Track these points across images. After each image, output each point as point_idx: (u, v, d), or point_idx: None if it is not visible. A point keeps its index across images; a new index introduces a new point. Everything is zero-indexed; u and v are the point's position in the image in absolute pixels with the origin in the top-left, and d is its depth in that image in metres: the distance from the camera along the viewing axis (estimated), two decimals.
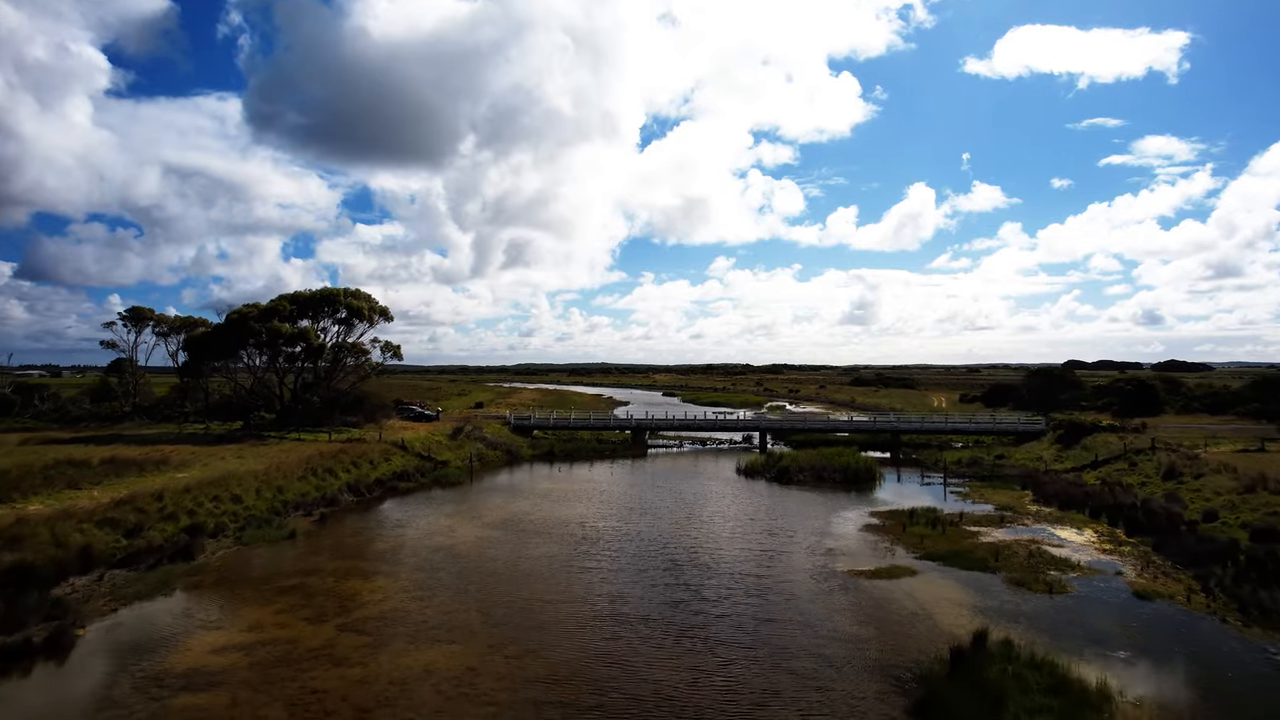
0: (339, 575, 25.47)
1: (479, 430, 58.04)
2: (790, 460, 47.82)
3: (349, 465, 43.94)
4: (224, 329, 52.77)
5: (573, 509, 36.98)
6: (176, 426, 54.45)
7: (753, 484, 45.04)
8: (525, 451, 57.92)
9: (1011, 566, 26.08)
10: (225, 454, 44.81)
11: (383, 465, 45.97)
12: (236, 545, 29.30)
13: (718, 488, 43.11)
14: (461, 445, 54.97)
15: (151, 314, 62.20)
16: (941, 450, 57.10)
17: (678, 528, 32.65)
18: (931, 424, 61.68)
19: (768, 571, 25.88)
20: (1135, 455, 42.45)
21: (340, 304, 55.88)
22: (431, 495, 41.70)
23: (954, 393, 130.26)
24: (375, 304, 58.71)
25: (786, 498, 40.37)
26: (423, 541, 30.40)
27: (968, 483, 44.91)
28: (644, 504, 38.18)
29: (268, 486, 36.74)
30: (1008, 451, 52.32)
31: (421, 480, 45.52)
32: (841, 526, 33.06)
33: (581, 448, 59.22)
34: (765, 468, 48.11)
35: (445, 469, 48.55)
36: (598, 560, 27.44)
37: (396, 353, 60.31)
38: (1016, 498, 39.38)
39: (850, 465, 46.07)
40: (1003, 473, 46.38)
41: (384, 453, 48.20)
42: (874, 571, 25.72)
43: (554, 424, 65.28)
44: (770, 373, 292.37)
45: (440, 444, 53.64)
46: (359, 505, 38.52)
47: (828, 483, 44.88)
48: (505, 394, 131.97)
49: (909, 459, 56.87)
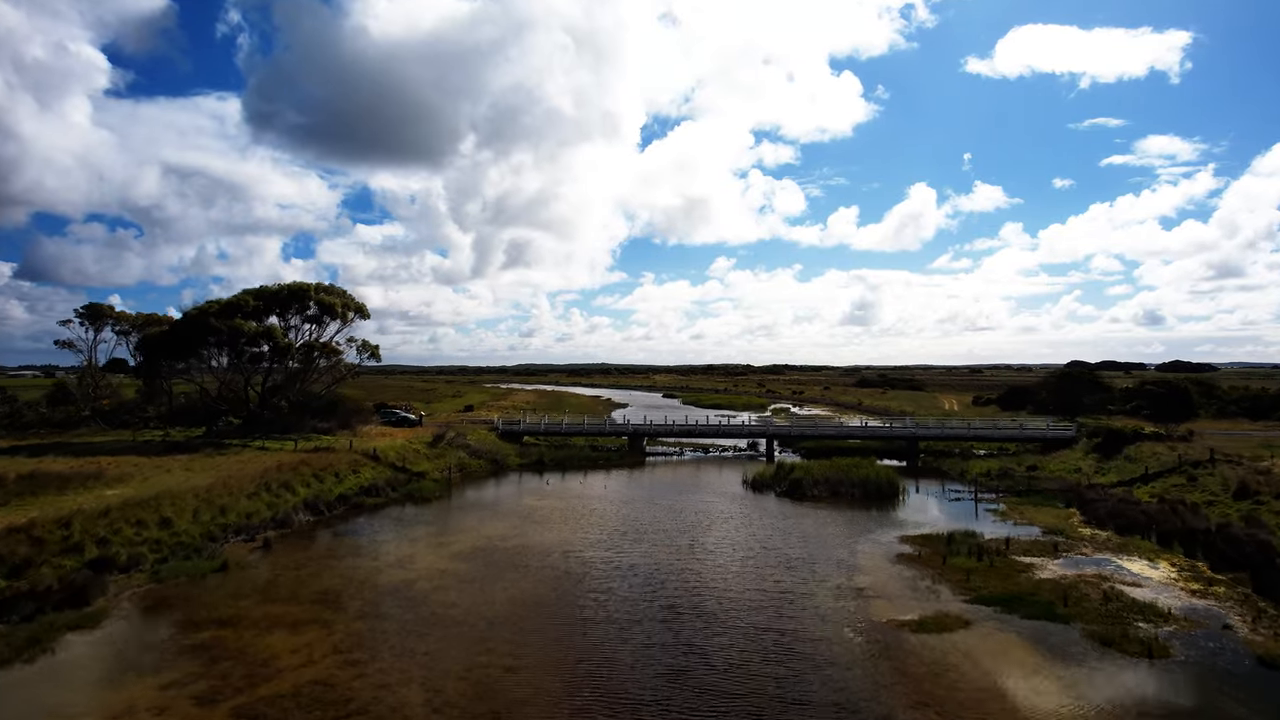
0: (262, 626, 20.50)
1: (462, 437, 53.06)
2: (803, 472, 42.84)
3: (310, 479, 38.98)
4: (181, 327, 47.85)
5: (557, 533, 32.02)
6: (131, 434, 49.51)
7: (761, 500, 40.09)
8: (512, 460, 52.96)
9: (1087, 614, 21.09)
10: (173, 466, 39.86)
11: (349, 478, 41.00)
12: (150, 583, 24.32)
13: (723, 505, 38.13)
14: (441, 454, 49.99)
15: (110, 311, 57.28)
16: (965, 459, 52.11)
17: (678, 559, 27.66)
18: (952, 430, 56.69)
19: (790, 623, 20.90)
20: (1192, 468, 37.46)
21: (310, 300, 50.93)
22: (400, 514, 36.73)
23: (962, 394, 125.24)
24: (350, 300, 53.74)
25: (801, 517, 35.42)
26: (374, 577, 25.42)
27: (1001, 498, 39.93)
28: (639, 526, 33.21)
29: (208, 506, 31.80)
30: (1040, 461, 47.32)
31: (392, 495, 40.54)
32: (869, 556, 28.09)
33: (574, 456, 54.26)
34: (775, 481, 43.14)
35: (420, 482, 43.56)
36: (581, 605, 22.46)
37: (374, 353, 55.34)
38: (1062, 518, 34.39)
39: (870, 478, 41.10)
40: (1040, 487, 41.37)
41: (352, 464, 43.23)
42: (919, 623, 20.74)
43: (545, 429, 60.33)
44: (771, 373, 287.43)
45: (417, 453, 48.66)
46: (315, 527, 33.55)
47: (845, 498, 39.93)
48: (500, 395, 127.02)
49: (928, 467, 51.95)
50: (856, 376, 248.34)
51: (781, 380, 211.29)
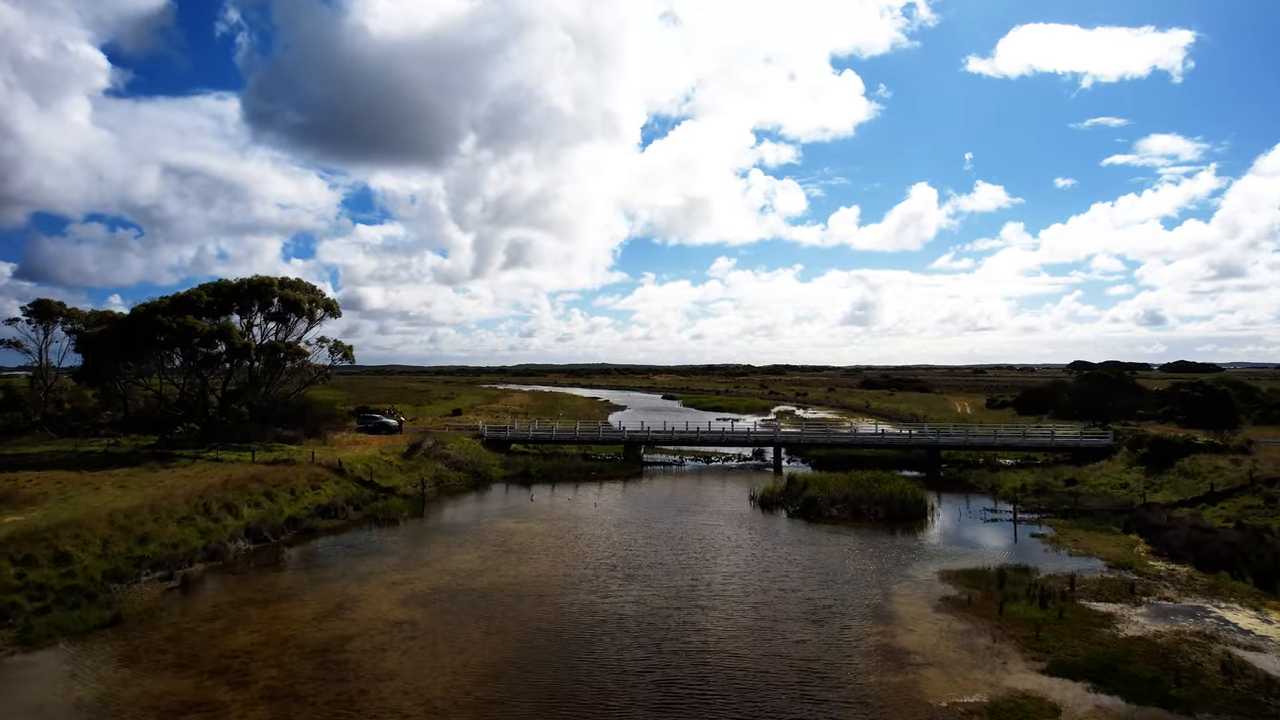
0: (125, 718, 15.46)
1: (440, 446, 47.99)
2: (818, 489, 37.75)
3: (260, 497, 33.95)
4: (126, 325, 42.84)
5: (534, 567, 26.96)
6: (75, 444, 44.46)
7: (772, 521, 35.03)
8: (496, 471, 47.88)
9: (1213, 700, 15.97)
10: (105, 482, 34.85)
11: (306, 496, 35.95)
12: (16, 645, 19.26)
13: (728, 529, 33.05)
14: (416, 466, 44.92)
15: (61, 308, 52.17)
16: (992, 470, 47.01)
17: (677, 607, 22.58)
18: (977, 438, 51.58)
19: (819, 712, 15.82)
20: (1267, 486, 32.37)
21: (274, 296, 45.88)
22: (358, 539, 31.69)
23: (971, 396, 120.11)
24: (319, 297, 48.68)
25: (819, 544, 30.36)
26: (302, 632, 20.36)
27: (1044, 519, 34.85)
28: (632, 558, 28.14)
29: (125, 535, 26.75)
30: (1079, 474, 42.21)
31: (353, 516, 35.49)
32: (908, 600, 23.01)
33: (564, 467, 49.15)
34: (786, 498, 38.08)
35: (387, 500, 38.49)
36: (553, 680, 17.38)
37: (347, 354, 50.25)
38: (1125, 547, 29.28)
39: (895, 496, 36.00)
40: (1086, 505, 36.21)
41: (312, 479, 38.18)
42: (992, 709, 15.66)
43: (534, 437, 55.25)
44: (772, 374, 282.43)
45: (389, 465, 43.60)
46: (253, 558, 28.50)
47: (867, 519, 34.87)
48: (495, 397, 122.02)
49: (952, 479, 46.89)
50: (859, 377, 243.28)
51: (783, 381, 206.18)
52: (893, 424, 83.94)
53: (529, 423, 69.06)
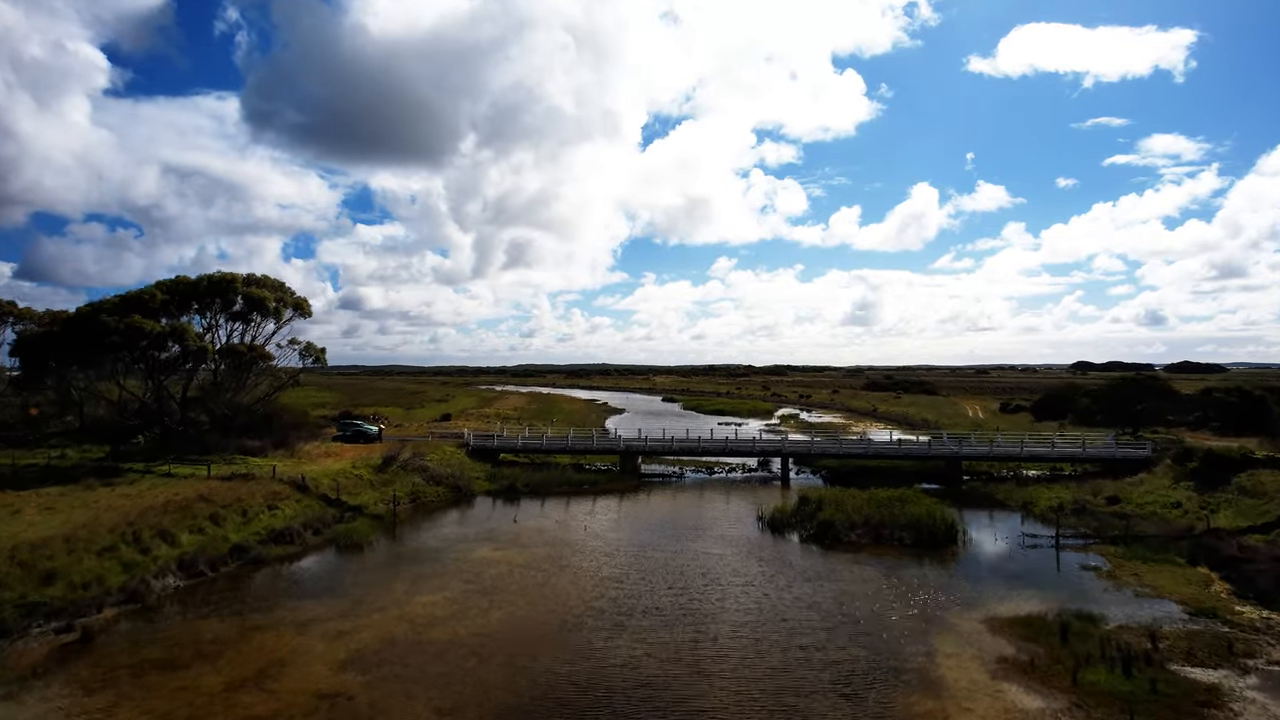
0: None
1: (419, 458, 43.71)
2: (834, 509, 33.43)
3: (205, 521, 29.75)
4: (70, 327, 38.56)
5: (509, 610, 22.66)
6: (13, 456, 40.17)
7: (783, 547, 30.77)
8: (479, 485, 43.56)
9: None
10: (29, 504, 30.63)
11: (260, 519, 31.71)
12: None
13: (735, 559, 28.75)
14: (391, 480, 40.63)
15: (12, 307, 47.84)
16: (1020, 485, 42.68)
17: (675, 674, 18.26)
18: (1002, 448, 47.23)
19: None
20: None
21: (237, 294, 41.60)
22: (310, 571, 27.43)
23: (980, 398, 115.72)
24: (287, 295, 44.37)
25: (840, 579, 26.06)
26: (202, 715, 16.08)
27: (1091, 545, 30.57)
28: (623, 598, 23.85)
29: (26, 573, 22.59)
30: (1121, 491, 37.87)
31: (311, 541, 31.21)
32: (957, 661, 18.70)
33: (555, 480, 44.82)
34: (798, 519, 33.81)
35: (355, 520, 34.20)
36: None
37: (319, 357, 45.96)
38: (1198, 585, 24.92)
39: (922, 519, 31.70)
40: (1138, 530, 31.80)
41: (270, 497, 33.94)
42: None
43: (523, 446, 50.93)
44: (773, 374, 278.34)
45: (359, 480, 39.32)
46: (180, 598, 24.20)
47: (891, 545, 30.61)
48: (489, 400, 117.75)
49: (975, 494, 42.58)
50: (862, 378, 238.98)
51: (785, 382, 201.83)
52: (902, 429, 79.66)
53: (520, 429, 64.84)
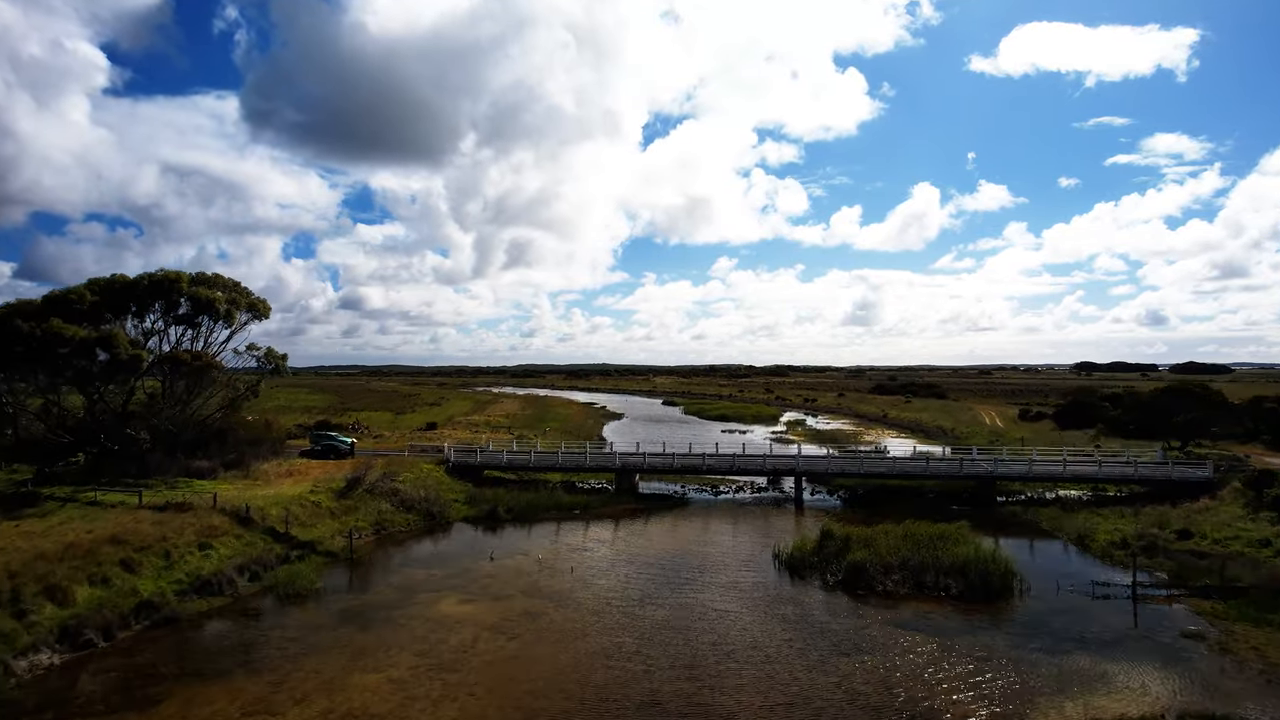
0: None
1: (390, 479, 38.41)
2: (863, 548, 28.07)
3: (113, 569, 24.48)
4: None
5: (465, 703, 17.33)
6: None
7: (806, 596, 25.46)
8: (456, 510, 38.21)
9: None
10: None
11: (186, 562, 26.42)
12: None
13: (751, 618, 23.38)
14: (355, 506, 35.35)
15: None
16: (1067, 510, 37.29)
17: None
18: (1042, 467, 41.82)
19: None
20: None
21: (181, 295, 36.31)
22: (226, 638, 22.10)
23: (993, 402, 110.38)
24: (241, 295, 38.99)
25: (882, 649, 20.70)
26: None
27: (1178, 598, 25.21)
28: (612, 684, 18.49)
29: None
30: (1190, 522, 32.46)
31: (244, 589, 25.90)
32: None
33: (542, 503, 39.42)
34: (821, 558, 28.51)
35: (300, 563, 28.86)
36: None
37: (279, 364, 40.59)
38: None
39: (970, 562, 26.33)
40: (1233, 577, 26.26)
41: (205, 533, 28.64)
42: None
43: (509, 462, 45.62)
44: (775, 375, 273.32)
45: (316, 507, 34.01)
46: (47, 684, 18.89)
47: (934, 596, 25.29)
48: (483, 404, 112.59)
49: (1015, 519, 37.30)
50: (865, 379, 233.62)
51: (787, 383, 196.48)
52: (917, 438, 74.41)
53: (510, 439, 59.68)
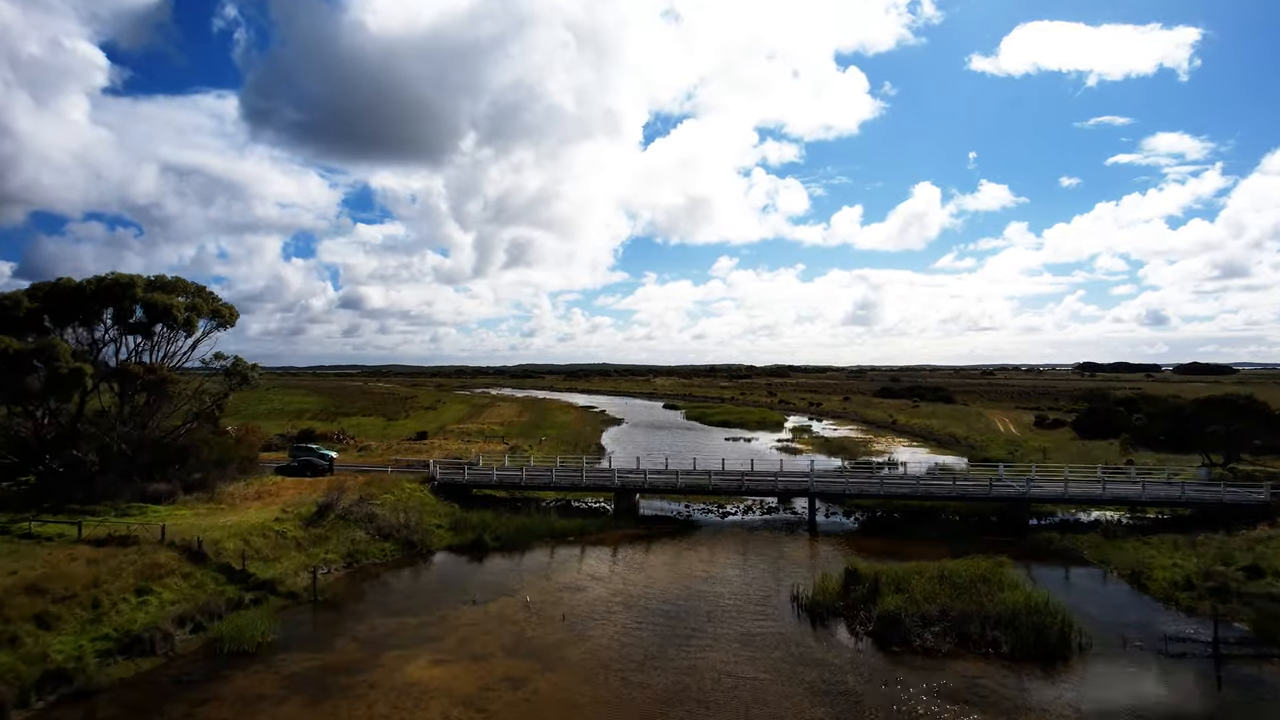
0: None
1: (367, 502, 34.75)
2: (895, 593, 24.39)
3: (23, 625, 20.86)
4: None
5: None
6: None
7: (835, 656, 21.79)
8: (439, 537, 34.52)
9: None
10: None
11: (119, 611, 22.79)
12: None
13: (774, 691, 19.65)
14: (326, 535, 31.70)
15: None
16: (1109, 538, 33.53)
17: None
18: (1079, 487, 38.07)
19: None
20: None
21: (134, 301, 32.69)
22: (153, 707, 18.47)
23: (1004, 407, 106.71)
24: (203, 301, 35.26)
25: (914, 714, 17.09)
26: None
27: (1266, 658, 21.59)
28: None
29: None
30: (1258, 555, 28.77)
31: (183, 645, 22.21)
32: None
33: (534, 528, 35.71)
34: (848, 603, 24.87)
35: (260, 604, 25.21)
36: None
37: (246, 376, 36.85)
38: None
39: (1018, 612, 22.68)
40: None
41: (147, 572, 25.00)
42: None
43: (499, 480, 41.95)
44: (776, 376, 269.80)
45: (281, 537, 30.33)
46: None
47: (979, 651, 21.64)
48: (481, 408, 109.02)
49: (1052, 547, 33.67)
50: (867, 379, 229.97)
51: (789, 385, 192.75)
52: (929, 447, 70.79)
53: (503, 451, 56.15)
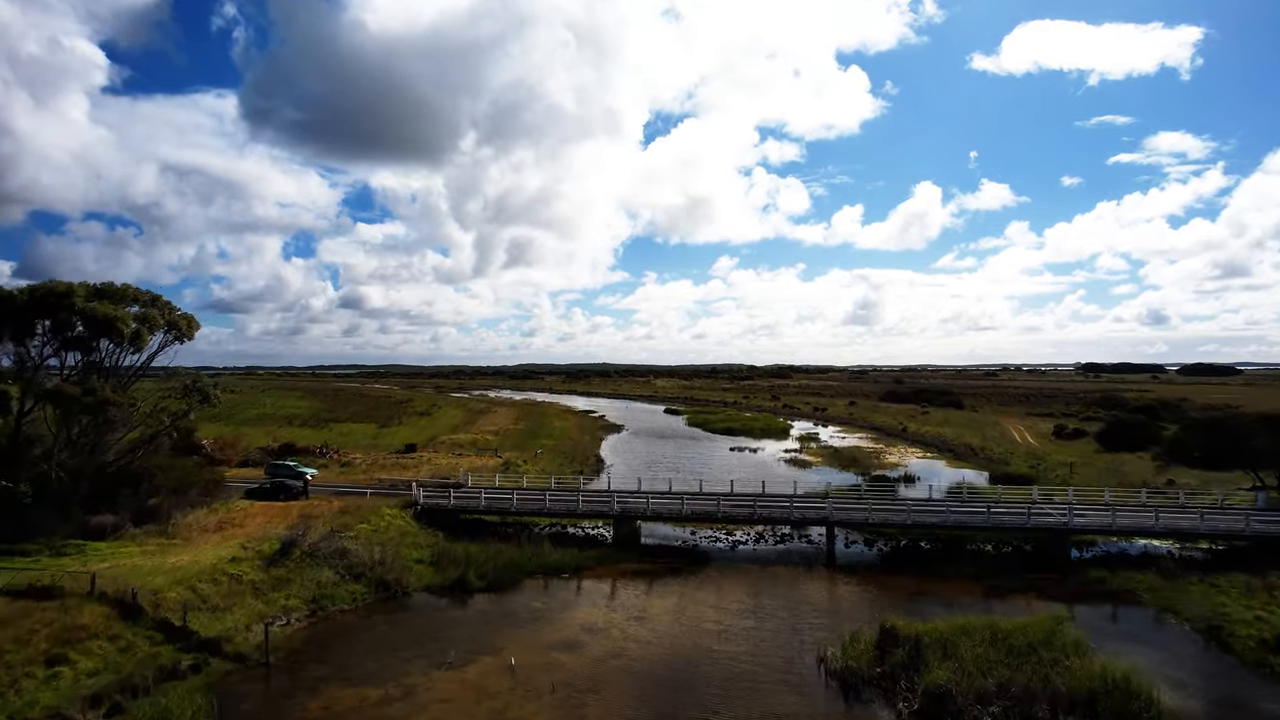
0: None
1: (339, 536, 30.94)
2: (940, 662, 20.57)
3: None
4: None
5: None
6: None
7: None
8: (418, 575, 30.61)
9: None
10: None
11: (16, 693, 19.06)
12: None
13: None
14: (289, 577, 27.88)
15: None
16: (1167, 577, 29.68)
17: None
18: (1127, 516, 34.18)
19: None
20: None
21: (72, 312, 28.90)
22: None
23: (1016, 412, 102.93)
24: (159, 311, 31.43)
25: None
26: None
27: None
28: None
29: None
30: None
31: None
32: None
33: (524, 562, 31.90)
34: (885, 672, 21.12)
35: (199, 671, 21.39)
36: None
37: (206, 393, 33.00)
38: None
39: (1096, 694, 18.91)
40: None
41: (63, 637, 21.26)
42: None
43: (487, 505, 38.17)
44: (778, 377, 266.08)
45: (235, 583, 26.51)
46: None
47: None
48: (476, 413, 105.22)
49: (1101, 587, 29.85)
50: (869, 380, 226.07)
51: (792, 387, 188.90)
52: (945, 458, 67.01)
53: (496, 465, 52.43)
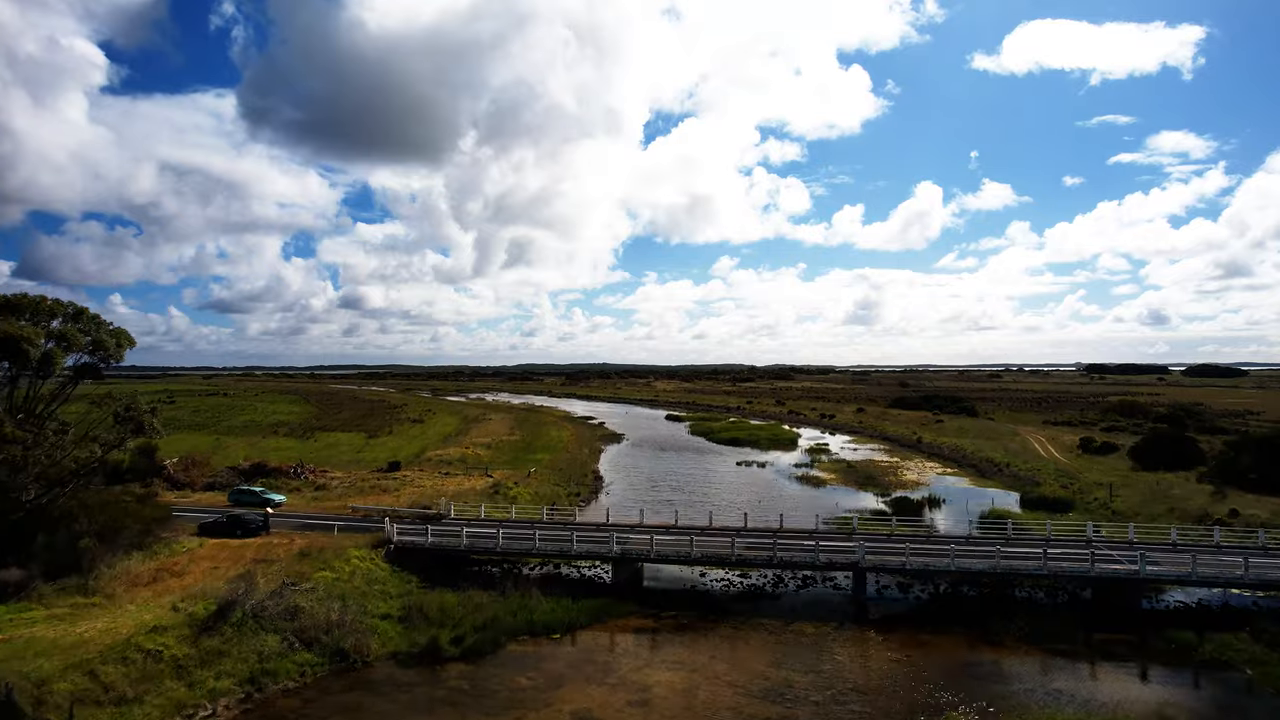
0: None
1: (292, 588, 26.07)
2: None
3: None
4: None
5: None
6: None
7: None
8: (379, 640, 25.53)
9: None
10: None
11: None
12: None
13: None
14: (224, 649, 23.01)
15: None
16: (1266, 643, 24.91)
17: None
18: (1208, 565, 29.26)
19: None
20: None
21: None
22: None
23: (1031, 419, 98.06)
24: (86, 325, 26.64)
25: None
26: None
27: None
28: None
29: None
30: None
31: None
32: None
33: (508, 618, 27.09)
34: None
35: None
36: None
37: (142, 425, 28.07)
38: None
39: None
40: None
41: None
42: None
43: (469, 543, 33.26)
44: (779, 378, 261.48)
45: (154, 660, 21.63)
46: None
47: None
48: (471, 421, 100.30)
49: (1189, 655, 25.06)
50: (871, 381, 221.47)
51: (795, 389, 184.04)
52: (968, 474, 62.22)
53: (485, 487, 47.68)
